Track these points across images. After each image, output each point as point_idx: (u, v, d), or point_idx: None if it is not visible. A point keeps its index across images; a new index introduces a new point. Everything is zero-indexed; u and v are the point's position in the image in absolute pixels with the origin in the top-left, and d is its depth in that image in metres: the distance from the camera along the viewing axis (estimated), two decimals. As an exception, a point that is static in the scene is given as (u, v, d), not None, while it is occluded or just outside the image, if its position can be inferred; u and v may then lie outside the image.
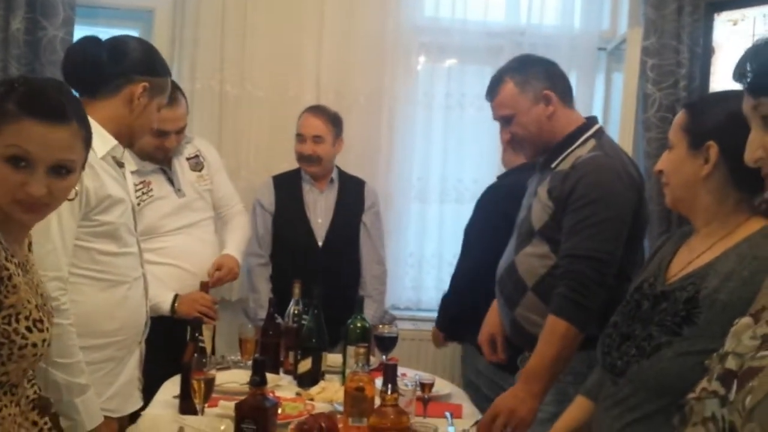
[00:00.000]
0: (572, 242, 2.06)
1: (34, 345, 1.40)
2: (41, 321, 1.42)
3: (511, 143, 2.33)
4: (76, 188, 1.52)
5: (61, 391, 1.84)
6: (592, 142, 2.19)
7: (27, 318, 1.39)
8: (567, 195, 2.09)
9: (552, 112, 2.22)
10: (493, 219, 2.96)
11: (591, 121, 2.28)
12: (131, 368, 2.16)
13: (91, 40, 2.07)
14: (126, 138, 2.09)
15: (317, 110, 3.30)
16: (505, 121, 2.27)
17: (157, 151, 2.86)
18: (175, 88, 2.84)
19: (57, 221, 1.86)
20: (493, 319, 2.54)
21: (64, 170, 1.45)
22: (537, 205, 2.19)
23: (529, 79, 2.23)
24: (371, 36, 3.64)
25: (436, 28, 3.75)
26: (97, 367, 2.01)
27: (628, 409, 1.56)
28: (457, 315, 3.15)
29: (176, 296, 2.75)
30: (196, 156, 3.03)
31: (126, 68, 2.04)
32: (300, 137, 3.26)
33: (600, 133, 2.24)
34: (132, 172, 2.72)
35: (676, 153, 1.61)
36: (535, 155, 2.31)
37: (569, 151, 2.19)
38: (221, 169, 3.13)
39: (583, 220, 2.05)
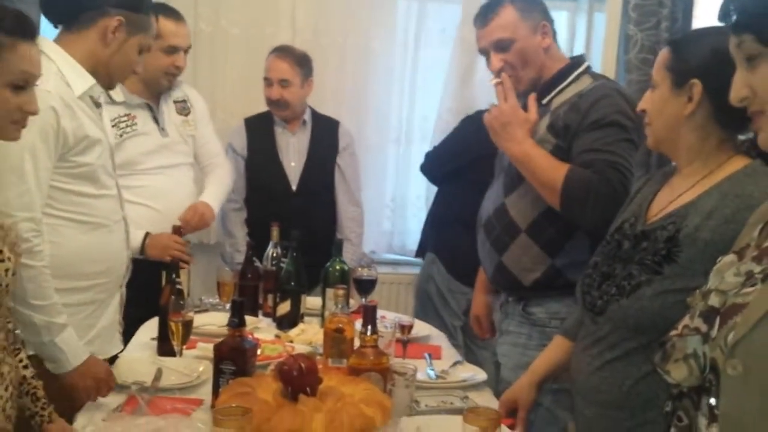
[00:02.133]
0: (603, 155, 2.00)
1: None
2: (0, 251, 1.38)
3: (502, 72, 2.21)
4: None
5: (40, 332, 1.81)
6: (588, 78, 2.17)
7: None
8: (581, 119, 2.05)
9: (548, 46, 2.19)
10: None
11: (579, 59, 2.26)
12: (112, 312, 2.14)
13: None
14: (104, 78, 2.02)
15: (283, 52, 3.21)
16: (500, 47, 2.18)
17: (165, 76, 2.82)
18: (175, 9, 2.86)
19: (31, 162, 1.82)
20: (477, 301, 2.58)
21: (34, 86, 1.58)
22: None
23: (530, 8, 2.18)
24: (349, -28, 3.56)
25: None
26: (78, 309, 1.98)
27: (608, 347, 1.57)
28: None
29: (147, 235, 2.71)
30: (184, 101, 2.98)
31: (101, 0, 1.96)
32: (267, 81, 3.20)
33: (590, 70, 2.22)
34: (118, 103, 2.71)
35: (659, 92, 1.59)
36: (525, 89, 2.22)
37: (562, 86, 2.16)
38: (207, 120, 3.07)
39: (604, 138, 2.01)
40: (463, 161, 3.16)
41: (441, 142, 3.37)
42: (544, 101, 2.17)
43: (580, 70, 2.19)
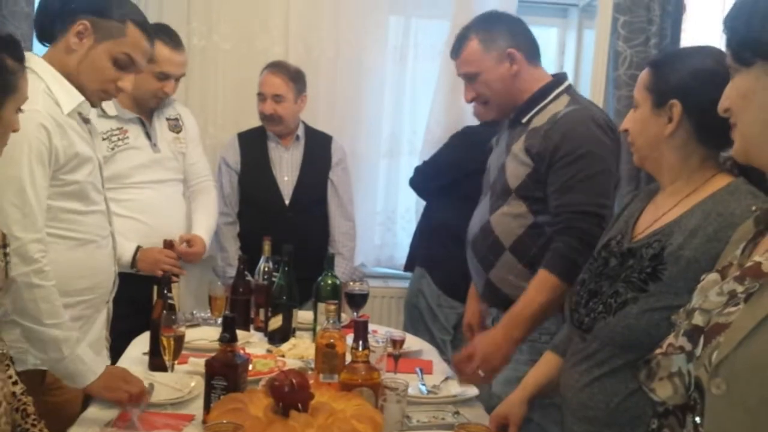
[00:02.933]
0: (569, 198, 2.03)
1: None
2: None
3: (476, 102, 2.29)
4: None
5: (61, 347, 1.82)
6: (565, 98, 2.18)
7: None
8: (552, 151, 2.06)
9: (516, 71, 2.20)
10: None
11: (560, 77, 2.27)
12: (98, 327, 2.14)
13: None
14: (75, 88, 1.97)
15: (277, 68, 3.24)
16: (469, 78, 2.24)
17: (152, 97, 2.84)
18: (177, 35, 2.87)
19: (31, 184, 1.82)
20: (470, 309, 2.58)
21: None
22: (512, 164, 2.17)
23: (493, 37, 2.20)
24: (340, -12, 3.58)
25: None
26: None
27: (596, 364, 1.59)
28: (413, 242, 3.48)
29: (138, 249, 2.72)
30: (176, 119, 3.00)
31: (70, 6, 1.93)
32: (261, 96, 3.22)
33: (571, 89, 2.23)
34: (111, 117, 2.72)
35: (640, 112, 1.61)
36: (500, 116, 2.28)
37: (541, 106, 2.17)
38: (198, 140, 3.09)
39: (576, 175, 2.02)
40: (451, 177, 3.20)
41: (430, 158, 3.40)
42: (524, 120, 2.19)
43: (560, 89, 2.20)
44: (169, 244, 2.74)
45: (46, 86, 1.90)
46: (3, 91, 1.52)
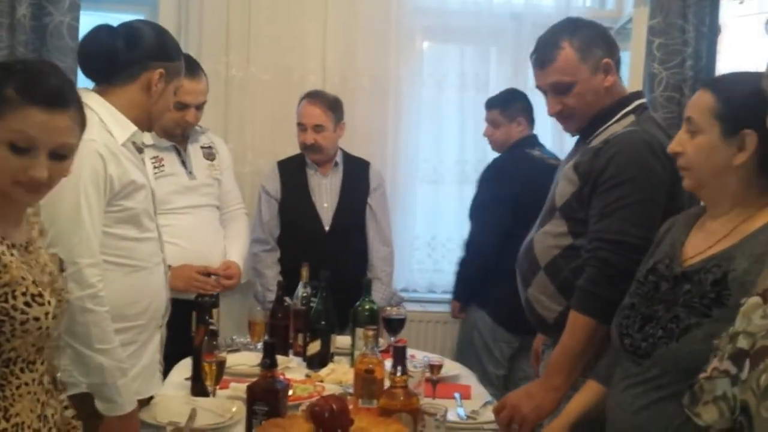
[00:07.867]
0: (602, 225, 1.91)
1: (36, 319, 1.42)
2: (40, 295, 1.44)
3: (558, 117, 2.10)
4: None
5: (104, 375, 1.87)
6: (630, 118, 2.02)
7: (24, 294, 1.41)
8: (598, 173, 1.93)
9: (611, 84, 2.04)
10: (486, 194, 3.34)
11: (633, 96, 2.10)
12: (152, 351, 2.17)
13: (104, 29, 2.06)
14: (145, 123, 2.11)
15: (315, 97, 3.27)
16: (559, 90, 2.05)
17: (176, 126, 2.89)
18: (197, 64, 2.91)
19: (87, 210, 1.88)
20: (538, 336, 2.50)
21: (63, 155, 1.48)
22: (562, 181, 2.06)
23: (589, 46, 2.03)
24: (375, 18, 3.64)
25: (439, 9, 3.74)
26: None
27: (654, 388, 1.55)
28: (467, 278, 3.45)
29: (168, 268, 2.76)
30: (210, 147, 3.07)
31: (141, 55, 2.04)
32: (301, 126, 3.26)
33: (641, 109, 2.06)
34: (148, 146, 2.76)
35: (706, 140, 1.56)
36: (580, 129, 2.12)
37: (605, 127, 2.03)
38: (231, 168, 3.16)
39: (615, 202, 1.90)
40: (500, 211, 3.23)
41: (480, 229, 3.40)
42: (588, 141, 2.07)
43: (628, 109, 2.04)
44: (205, 274, 2.78)
45: (99, 119, 1.97)
46: None
